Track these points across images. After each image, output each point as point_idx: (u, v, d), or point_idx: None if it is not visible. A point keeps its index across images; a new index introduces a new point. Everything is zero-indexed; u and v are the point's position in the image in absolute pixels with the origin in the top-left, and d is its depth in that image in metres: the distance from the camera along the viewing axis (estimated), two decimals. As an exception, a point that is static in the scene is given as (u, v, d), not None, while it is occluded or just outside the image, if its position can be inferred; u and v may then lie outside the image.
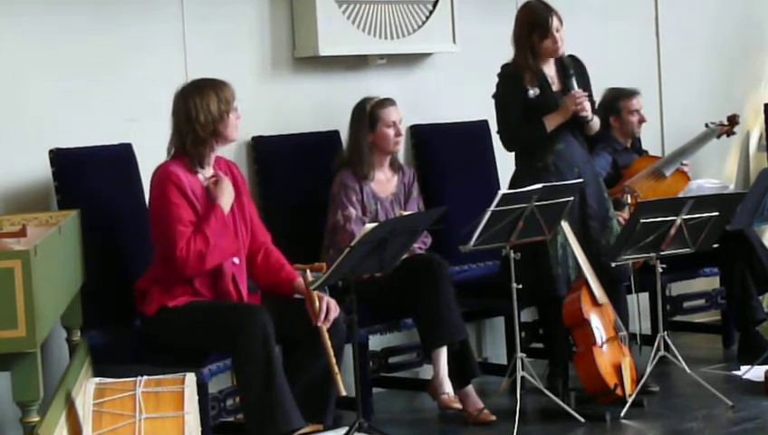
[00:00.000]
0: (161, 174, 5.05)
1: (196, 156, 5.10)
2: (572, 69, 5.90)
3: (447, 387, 5.64)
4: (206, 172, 5.16)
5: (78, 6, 5.55)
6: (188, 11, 5.88)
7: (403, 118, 6.00)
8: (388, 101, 5.96)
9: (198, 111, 5.09)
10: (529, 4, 5.94)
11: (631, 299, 6.34)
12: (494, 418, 5.60)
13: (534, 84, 5.87)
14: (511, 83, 5.88)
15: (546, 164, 5.87)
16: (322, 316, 5.04)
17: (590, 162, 6.11)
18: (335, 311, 5.10)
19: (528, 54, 5.86)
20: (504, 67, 5.95)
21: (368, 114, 5.90)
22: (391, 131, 5.91)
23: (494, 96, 5.97)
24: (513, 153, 6.07)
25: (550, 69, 5.94)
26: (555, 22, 5.85)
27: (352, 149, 5.93)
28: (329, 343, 5.02)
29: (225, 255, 5.05)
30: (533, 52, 5.88)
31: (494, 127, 6.58)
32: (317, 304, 5.06)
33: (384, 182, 5.98)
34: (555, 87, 5.93)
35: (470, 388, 5.72)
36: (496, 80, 5.96)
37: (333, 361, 5.02)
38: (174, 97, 5.16)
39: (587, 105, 5.85)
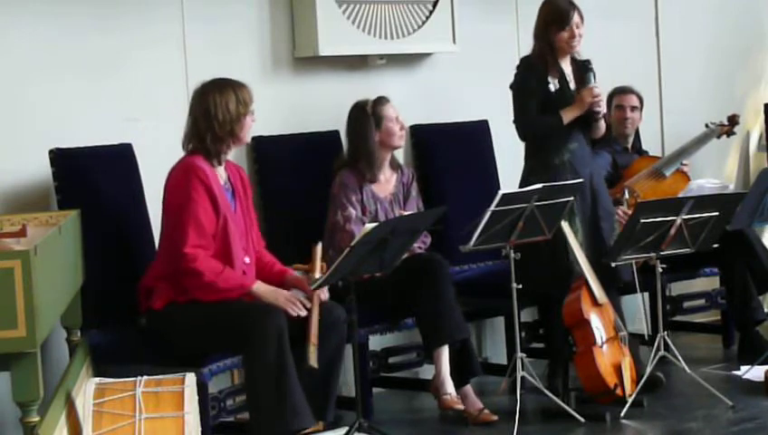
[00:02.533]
0: (186, 166, 5.04)
1: (214, 153, 5.11)
2: (590, 65, 5.92)
3: (449, 387, 5.64)
4: (221, 172, 5.16)
5: (78, 7, 5.55)
6: (188, 11, 5.87)
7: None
8: (384, 99, 5.98)
9: (217, 108, 5.09)
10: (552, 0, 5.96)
11: (632, 299, 6.36)
12: (495, 417, 5.60)
13: (555, 78, 5.88)
14: (534, 74, 5.88)
15: (562, 161, 5.88)
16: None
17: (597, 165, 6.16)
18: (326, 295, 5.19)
19: (546, 47, 5.87)
20: (526, 59, 5.96)
21: (371, 114, 5.91)
22: (396, 126, 5.92)
23: (513, 85, 5.95)
24: (512, 152, 6.08)
25: (567, 67, 5.95)
26: (576, 17, 5.86)
27: (359, 151, 5.91)
28: (317, 311, 5.05)
29: (211, 298, 4.99)
30: (551, 45, 5.88)
31: (493, 126, 6.60)
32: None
33: (384, 182, 5.98)
34: (572, 85, 5.94)
35: (469, 388, 5.72)
36: (515, 71, 5.96)
37: (315, 329, 5.02)
38: (193, 93, 5.18)
39: (602, 100, 5.89)
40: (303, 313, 5.04)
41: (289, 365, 4.85)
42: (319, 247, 5.27)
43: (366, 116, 5.91)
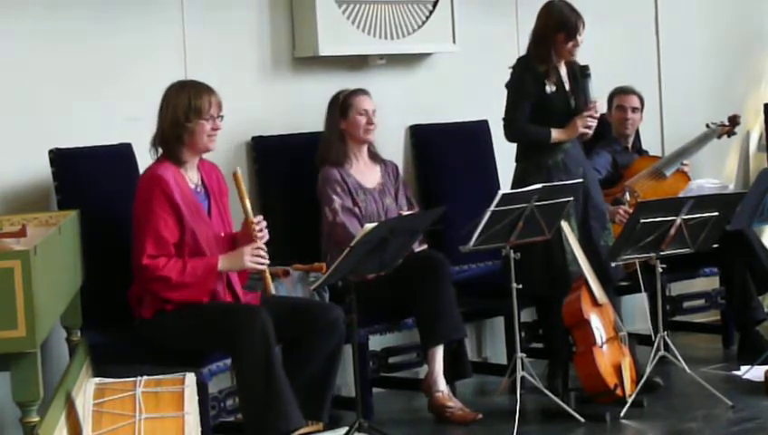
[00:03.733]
0: (149, 178, 4.99)
1: (174, 156, 5.04)
2: (588, 71, 5.92)
3: (441, 385, 5.67)
4: (191, 175, 5.12)
5: (79, 9, 5.55)
6: (189, 12, 5.87)
7: (377, 109, 5.97)
8: (360, 91, 5.98)
9: (167, 110, 5.04)
10: (556, 4, 5.93)
11: (630, 299, 6.35)
12: (479, 416, 5.62)
13: (552, 81, 5.89)
14: (531, 76, 5.89)
15: (556, 162, 5.88)
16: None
17: (589, 163, 6.16)
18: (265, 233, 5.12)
19: (547, 51, 5.87)
20: (524, 59, 5.96)
21: (340, 103, 5.92)
22: (363, 119, 5.91)
23: (509, 85, 5.96)
24: (512, 153, 6.08)
25: (562, 68, 5.96)
26: (581, 28, 5.88)
27: (325, 139, 5.93)
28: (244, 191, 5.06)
29: (189, 297, 4.96)
30: (555, 50, 5.89)
31: (493, 127, 6.60)
32: (248, 206, 5.08)
33: (366, 172, 5.97)
34: (567, 87, 5.95)
35: (448, 388, 5.74)
36: (511, 70, 5.97)
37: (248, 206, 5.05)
38: None
39: (593, 126, 5.92)
40: (266, 261, 5.00)
41: (276, 366, 4.84)
42: (239, 171, 5.11)
43: (335, 104, 5.92)
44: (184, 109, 5.01)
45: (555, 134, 5.87)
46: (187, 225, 4.96)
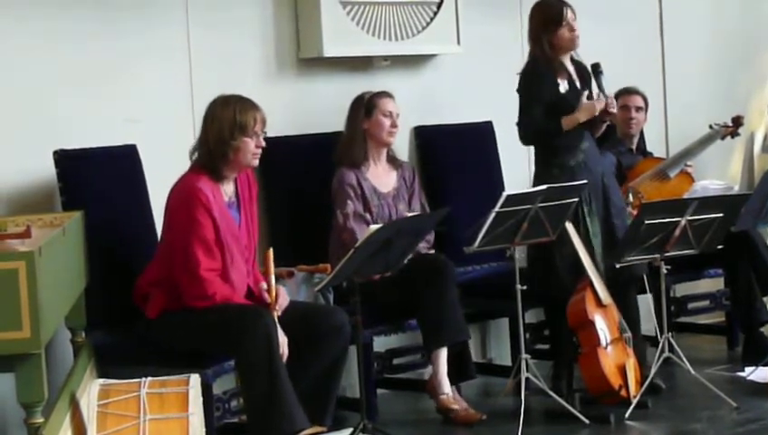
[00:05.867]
0: (188, 188, 4.97)
1: (214, 170, 5.03)
2: (601, 68, 5.91)
3: (446, 388, 5.67)
4: (227, 188, 5.12)
5: (83, 10, 5.55)
6: (193, 13, 5.87)
7: (400, 113, 5.98)
8: (386, 93, 6.00)
9: (212, 124, 5.03)
10: (541, 1, 5.94)
11: (640, 300, 6.35)
12: (483, 416, 5.63)
13: (564, 78, 5.87)
14: (542, 79, 5.85)
15: (578, 162, 5.86)
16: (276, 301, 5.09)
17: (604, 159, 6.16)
18: (285, 300, 5.12)
19: (546, 48, 5.86)
20: (531, 64, 5.92)
21: (365, 102, 5.92)
22: (387, 121, 5.92)
23: (520, 90, 5.91)
24: (516, 153, 6.09)
25: (570, 66, 5.95)
26: (569, 13, 5.86)
27: (346, 137, 5.94)
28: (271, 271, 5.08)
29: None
30: (551, 45, 5.87)
31: (498, 128, 6.61)
32: (273, 281, 5.09)
33: (383, 176, 5.98)
34: (578, 84, 5.93)
35: (454, 388, 5.74)
36: (518, 77, 5.93)
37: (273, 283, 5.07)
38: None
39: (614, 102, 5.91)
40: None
41: (280, 368, 4.84)
42: (270, 253, 5.16)
43: (360, 104, 5.93)
44: (229, 125, 4.99)
45: (567, 121, 5.83)
46: (222, 236, 4.98)
